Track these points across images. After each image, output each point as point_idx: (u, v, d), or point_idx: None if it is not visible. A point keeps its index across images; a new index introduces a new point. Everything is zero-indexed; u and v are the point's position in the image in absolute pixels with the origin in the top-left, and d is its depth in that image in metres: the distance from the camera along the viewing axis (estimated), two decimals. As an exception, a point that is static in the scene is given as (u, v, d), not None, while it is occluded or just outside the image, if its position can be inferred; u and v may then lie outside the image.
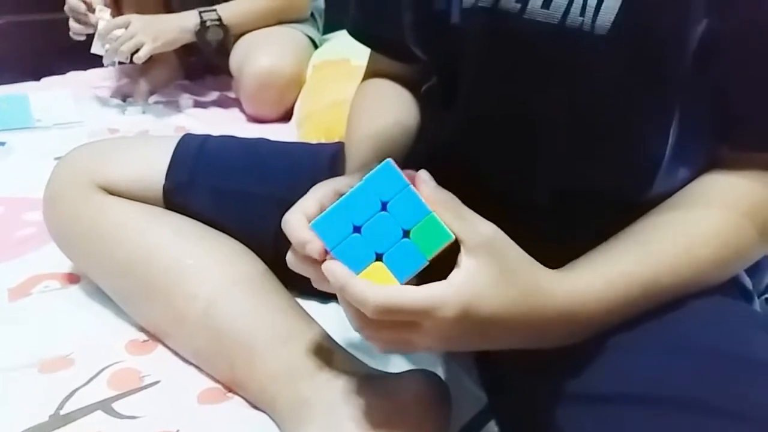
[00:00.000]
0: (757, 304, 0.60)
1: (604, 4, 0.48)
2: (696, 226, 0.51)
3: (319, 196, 0.51)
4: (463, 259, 0.45)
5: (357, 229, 0.46)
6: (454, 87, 0.61)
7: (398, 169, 0.46)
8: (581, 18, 0.49)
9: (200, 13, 1.42)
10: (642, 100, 0.53)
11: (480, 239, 0.45)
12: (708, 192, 0.53)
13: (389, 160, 0.47)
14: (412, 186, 0.46)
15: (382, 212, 0.46)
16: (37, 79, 1.66)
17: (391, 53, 0.72)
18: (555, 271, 0.49)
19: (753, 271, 0.60)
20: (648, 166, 0.55)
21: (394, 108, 0.71)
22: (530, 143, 0.57)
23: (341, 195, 0.48)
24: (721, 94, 0.52)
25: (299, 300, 0.71)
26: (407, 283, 0.46)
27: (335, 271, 0.46)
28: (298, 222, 0.49)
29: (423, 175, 0.48)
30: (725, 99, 0.52)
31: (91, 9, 1.40)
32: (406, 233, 0.46)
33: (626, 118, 0.53)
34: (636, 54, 0.50)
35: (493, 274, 0.45)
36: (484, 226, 0.46)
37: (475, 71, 0.58)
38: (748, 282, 0.60)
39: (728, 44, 0.49)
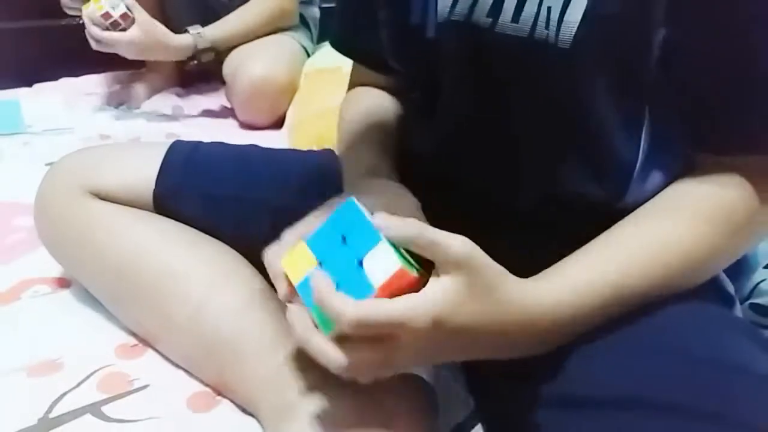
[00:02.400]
0: (738, 309, 0.61)
1: (565, 18, 0.50)
2: (664, 232, 0.52)
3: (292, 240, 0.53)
4: (439, 276, 0.46)
5: (320, 264, 0.47)
6: (433, 98, 0.62)
7: (360, 205, 0.47)
8: (546, 31, 0.51)
9: (193, 38, 1.42)
10: (610, 108, 0.54)
11: (453, 259, 0.45)
12: (677, 198, 0.54)
13: (353, 198, 0.47)
14: (370, 217, 0.46)
15: (342, 245, 0.47)
16: (30, 85, 1.66)
17: (371, 65, 0.74)
18: (526, 280, 0.50)
19: (735, 276, 0.61)
20: (621, 173, 0.56)
21: (382, 111, 0.73)
22: (508, 151, 0.59)
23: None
24: (687, 99, 0.53)
25: (287, 304, 0.72)
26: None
27: (316, 284, 0.45)
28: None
29: (378, 221, 0.46)
30: (691, 103, 0.53)
31: None
32: (360, 263, 0.46)
33: (596, 126, 0.55)
34: (600, 64, 0.51)
35: (466, 288, 0.45)
36: (455, 247, 0.45)
37: (451, 83, 0.60)
38: (730, 287, 0.61)
39: (688, 50, 0.50)
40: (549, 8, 0.50)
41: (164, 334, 0.72)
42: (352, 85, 0.79)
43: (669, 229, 0.52)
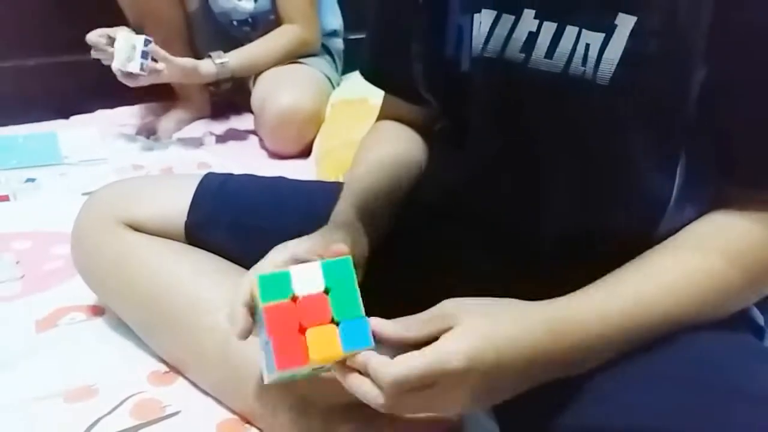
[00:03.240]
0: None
1: (604, 56, 0.50)
2: (695, 266, 0.52)
3: (276, 261, 0.54)
4: (452, 330, 0.47)
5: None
6: (463, 130, 0.63)
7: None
8: (583, 68, 0.51)
9: (216, 67, 1.46)
10: (646, 146, 0.54)
11: (452, 313, 0.47)
12: (709, 234, 0.54)
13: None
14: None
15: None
16: (66, 117, 1.71)
17: (402, 95, 0.75)
18: (550, 301, 0.51)
19: (766, 307, 0.61)
20: (654, 209, 0.56)
21: (399, 146, 0.73)
22: (537, 187, 0.59)
23: (297, 261, 0.51)
24: (722, 134, 0.53)
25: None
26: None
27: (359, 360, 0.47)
28: (243, 296, 0.53)
29: (376, 326, 0.48)
30: (727, 138, 0.53)
31: (110, 42, 1.41)
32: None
33: (631, 163, 0.55)
34: (638, 102, 0.51)
35: (480, 328, 0.47)
36: (446, 305, 0.48)
37: (482, 117, 0.60)
38: (760, 318, 0.60)
39: (726, 88, 0.50)
40: (587, 45, 0.51)
41: (194, 363, 0.74)
42: (382, 114, 0.80)
43: (698, 263, 0.52)
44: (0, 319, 0.88)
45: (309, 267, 0.49)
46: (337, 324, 0.48)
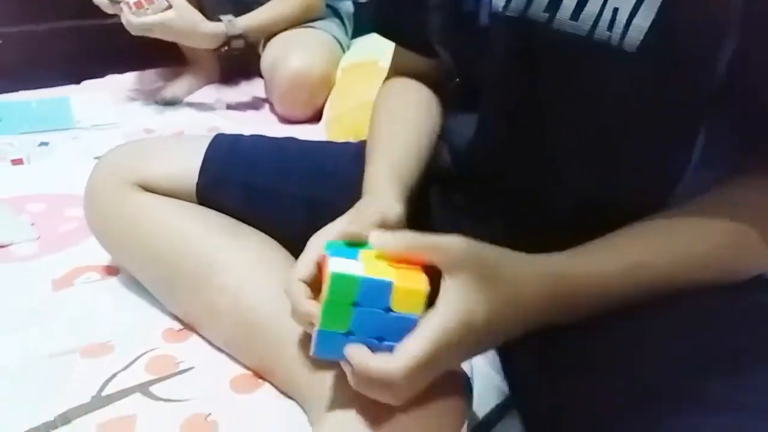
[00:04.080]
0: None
1: (634, 22, 0.48)
2: (690, 229, 0.52)
3: (313, 256, 0.55)
4: (447, 280, 0.47)
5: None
6: (476, 89, 0.61)
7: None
8: (609, 33, 0.49)
9: (225, 25, 1.46)
10: (667, 115, 0.52)
11: (454, 258, 0.47)
12: (716, 200, 0.53)
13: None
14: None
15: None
16: (78, 82, 1.72)
17: (414, 47, 0.73)
18: (540, 255, 0.51)
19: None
20: (671, 177, 0.55)
21: (417, 113, 0.72)
22: (551, 152, 0.58)
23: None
24: (749, 106, 0.51)
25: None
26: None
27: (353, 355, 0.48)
28: (299, 293, 0.54)
29: (374, 240, 0.49)
30: (753, 111, 0.51)
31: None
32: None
33: (650, 132, 0.53)
34: (663, 72, 0.49)
35: (476, 281, 0.47)
36: (454, 245, 0.48)
37: (498, 75, 0.59)
38: None
39: (757, 61, 0.49)
40: (616, 9, 0.49)
41: (207, 321, 0.75)
42: (392, 72, 0.79)
43: (707, 228, 0.51)
44: (17, 278, 0.89)
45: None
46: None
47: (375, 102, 0.76)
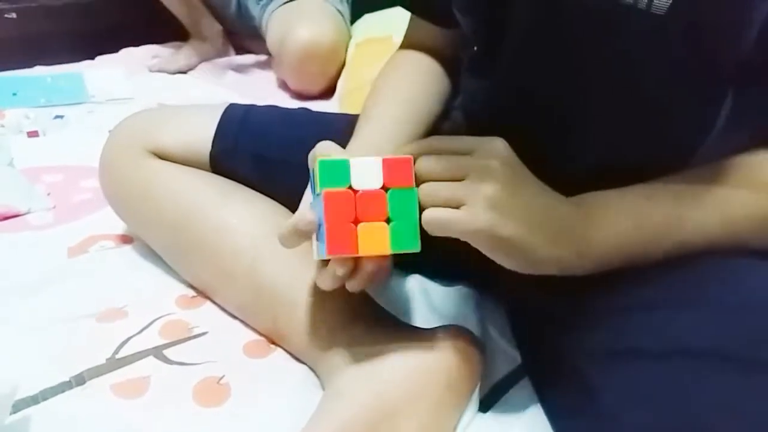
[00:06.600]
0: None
1: None
2: (730, 189, 0.52)
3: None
4: None
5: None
6: (493, 56, 0.61)
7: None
8: None
9: None
10: (694, 81, 0.51)
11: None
12: (744, 165, 0.53)
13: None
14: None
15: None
16: (92, 57, 1.72)
17: (435, 17, 0.73)
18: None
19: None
20: (693, 141, 0.54)
21: (422, 77, 0.72)
22: (572, 117, 0.57)
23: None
24: None
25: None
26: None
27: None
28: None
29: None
30: None
31: None
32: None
33: (678, 94, 0.52)
34: (693, 37, 0.48)
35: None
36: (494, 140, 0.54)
37: (518, 41, 0.58)
38: None
39: None
40: None
41: (221, 286, 0.76)
42: (405, 44, 0.78)
43: (733, 188, 0.52)
44: (33, 245, 0.90)
45: (368, 162, 0.51)
46: (389, 222, 0.51)
47: (382, 69, 0.76)
